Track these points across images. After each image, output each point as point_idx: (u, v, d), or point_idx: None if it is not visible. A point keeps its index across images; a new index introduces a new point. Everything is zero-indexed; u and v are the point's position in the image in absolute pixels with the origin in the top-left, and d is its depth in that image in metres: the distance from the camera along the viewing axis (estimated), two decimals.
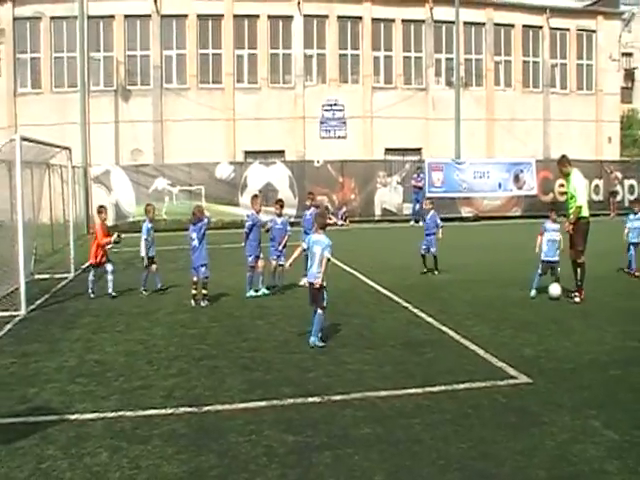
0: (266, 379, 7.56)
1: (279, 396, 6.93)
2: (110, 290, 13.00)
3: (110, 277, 13.08)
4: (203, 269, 12.10)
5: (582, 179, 12.02)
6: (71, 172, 17.58)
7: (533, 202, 31.79)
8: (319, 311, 8.91)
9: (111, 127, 32.97)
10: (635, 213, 14.97)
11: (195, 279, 12.16)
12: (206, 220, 12.36)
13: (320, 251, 8.88)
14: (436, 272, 14.84)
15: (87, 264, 13.86)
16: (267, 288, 13.07)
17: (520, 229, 27.16)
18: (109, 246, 13.35)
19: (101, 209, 13.95)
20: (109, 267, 13.19)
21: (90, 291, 13.08)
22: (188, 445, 5.73)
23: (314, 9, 34.79)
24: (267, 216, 14.17)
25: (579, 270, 11.76)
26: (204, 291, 12.11)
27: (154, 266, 13.48)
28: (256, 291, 12.83)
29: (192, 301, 12.08)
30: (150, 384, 7.45)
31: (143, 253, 13.27)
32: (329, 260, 8.94)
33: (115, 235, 13.31)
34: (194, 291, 12.14)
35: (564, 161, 12.16)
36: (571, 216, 11.68)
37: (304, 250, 9.60)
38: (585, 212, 11.70)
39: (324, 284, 8.95)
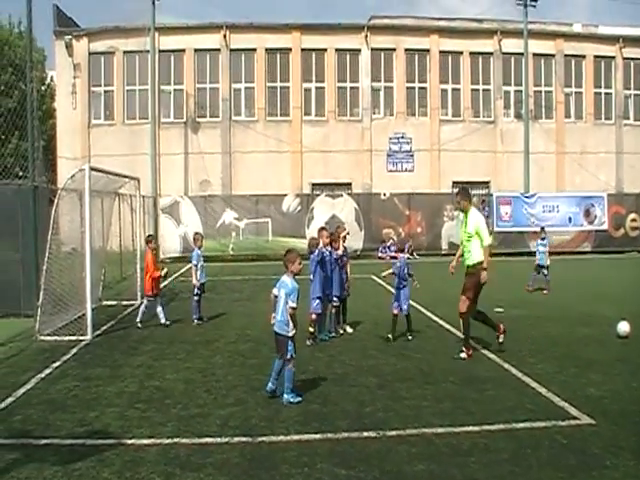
0: (322, 412, 7.51)
1: (334, 429, 6.87)
2: (163, 320, 13.05)
3: (159, 308, 13.17)
4: (313, 303, 11.26)
5: (482, 217, 10.42)
6: (140, 201, 18.04)
7: (604, 237, 31.21)
8: (287, 365, 7.89)
9: (180, 158, 33.86)
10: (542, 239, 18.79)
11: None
12: (316, 251, 11.43)
13: (284, 296, 7.87)
14: (410, 336, 11.66)
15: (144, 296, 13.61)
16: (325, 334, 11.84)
17: (590, 265, 26.59)
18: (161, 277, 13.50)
19: (150, 238, 13.95)
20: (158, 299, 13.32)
21: (139, 320, 13.00)
22: (240, 474, 5.73)
23: (381, 42, 35.15)
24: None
25: (464, 322, 10.30)
26: (310, 329, 11.17)
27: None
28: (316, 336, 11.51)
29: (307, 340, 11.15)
30: (207, 412, 7.50)
31: (195, 280, 13.46)
32: (294, 309, 7.87)
33: (164, 270, 13.43)
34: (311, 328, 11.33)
35: (465, 194, 10.43)
36: (483, 262, 9.97)
37: (275, 297, 8.09)
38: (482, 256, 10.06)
39: (291, 334, 7.92)
